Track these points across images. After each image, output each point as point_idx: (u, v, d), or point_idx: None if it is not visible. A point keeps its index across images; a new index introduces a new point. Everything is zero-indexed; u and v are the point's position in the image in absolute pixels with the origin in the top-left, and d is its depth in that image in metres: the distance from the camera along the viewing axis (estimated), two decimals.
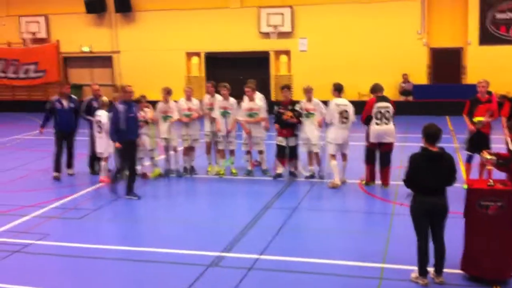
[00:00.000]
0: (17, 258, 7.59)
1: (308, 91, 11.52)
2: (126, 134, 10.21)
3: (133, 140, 10.48)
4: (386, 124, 10.53)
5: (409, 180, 6.40)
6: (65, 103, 12.04)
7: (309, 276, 6.81)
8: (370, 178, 10.94)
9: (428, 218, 6.36)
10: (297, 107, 11.34)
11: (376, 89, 10.90)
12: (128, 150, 10.29)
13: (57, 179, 11.98)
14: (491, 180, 6.46)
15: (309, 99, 11.50)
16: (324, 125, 11.45)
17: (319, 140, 11.48)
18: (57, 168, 12.07)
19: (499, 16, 22.68)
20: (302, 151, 11.75)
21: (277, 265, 7.19)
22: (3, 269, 7.23)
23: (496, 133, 10.65)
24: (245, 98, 12.08)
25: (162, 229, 8.93)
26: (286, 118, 11.21)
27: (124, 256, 7.66)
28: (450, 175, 6.38)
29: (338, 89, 11.12)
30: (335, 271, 6.93)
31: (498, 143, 10.27)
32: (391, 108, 10.57)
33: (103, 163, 11.64)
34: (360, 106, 11.51)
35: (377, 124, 10.52)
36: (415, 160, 6.37)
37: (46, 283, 6.78)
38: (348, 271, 6.92)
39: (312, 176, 11.62)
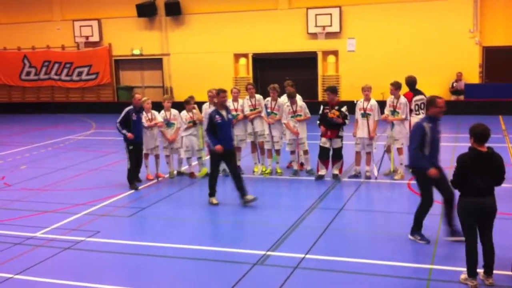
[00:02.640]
0: (68, 255, 7.83)
1: (365, 90, 11.43)
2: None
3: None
4: (424, 114, 10.48)
5: (458, 181, 6.29)
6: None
7: (354, 276, 6.76)
8: None
9: (476, 218, 6.23)
10: (343, 109, 11.23)
11: (413, 83, 11.49)
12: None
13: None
14: None
15: (367, 99, 11.41)
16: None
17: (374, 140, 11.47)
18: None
19: None
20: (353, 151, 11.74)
21: (322, 264, 7.18)
22: (55, 266, 7.47)
23: None
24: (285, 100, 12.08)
25: (208, 228, 9.05)
26: (331, 116, 11.10)
27: (172, 253, 7.80)
28: (499, 175, 6.25)
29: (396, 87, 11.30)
30: (381, 271, 6.85)
31: None
32: (425, 100, 10.59)
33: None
34: None
35: (416, 115, 11.11)
36: (463, 161, 6.27)
37: (96, 279, 6.96)
38: (395, 272, 6.84)
39: (356, 176, 11.54)
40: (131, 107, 11.27)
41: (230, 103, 12.11)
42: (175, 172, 12.32)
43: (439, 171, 7.50)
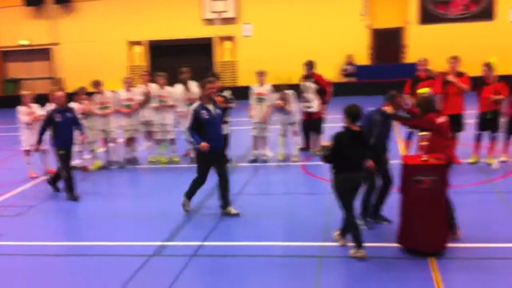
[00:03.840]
0: None
1: (260, 75, 11.50)
2: None
3: None
4: None
5: (331, 156, 6.56)
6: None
7: (251, 259, 6.82)
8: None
9: (352, 192, 6.62)
10: (225, 93, 11.27)
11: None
12: None
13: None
14: (425, 156, 6.62)
15: (262, 83, 11.48)
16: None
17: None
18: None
19: None
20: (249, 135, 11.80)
21: (220, 250, 7.19)
22: None
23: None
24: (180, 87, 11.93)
25: (104, 222, 8.76)
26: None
27: (65, 251, 7.54)
28: (367, 151, 6.76)
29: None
30: (275, 252, 6.98)
31: None
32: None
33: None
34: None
35: None
36: (339, 139, 6.55)
37: None
38: (288, 252, 6.99)
39: (255, 161, 11.66)
40: (52, 107, 10.03)
41: (123, 92, 11.83)
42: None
43: (380, 159, 7.45)
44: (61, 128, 9.69)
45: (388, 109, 7.24)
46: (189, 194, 8.69)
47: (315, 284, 6.04)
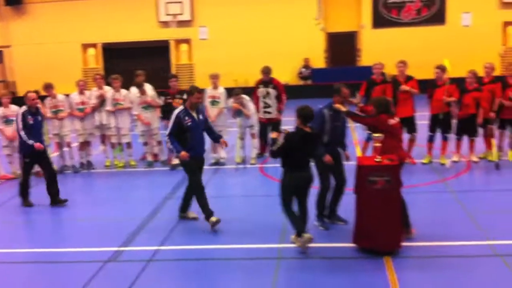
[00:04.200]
0: None
1: (213, 78, 11.48)
2: None
3: None
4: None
5: (280, 154, 6.77)
6: None
7: (209, 262, 6.81)
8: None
9: (296, 190, 6.91)
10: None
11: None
12: None
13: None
14: (378, 157, 6.72)
15: (215, 86, 11.46)
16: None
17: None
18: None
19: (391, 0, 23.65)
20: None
21: (177, 254, 7.13)
22: None
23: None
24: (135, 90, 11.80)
25: (58, 228, 8.60)
26: (176, 105, 11.09)
27: (18, 259, 7.34)
28: (315, 151, 7.04)
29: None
30: (235, 255, 6.98)
31: None
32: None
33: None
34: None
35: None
36: (291, 139, 6.72)
37: None
38: (247, 254, 6.99)
39: (216, 163, 11.63)
40: (24, 108, 9.39)
41: (76, 95, 11.61)
42: (18, 171, 11.50)
43: (336, 158, 7.56)
44: (33, 132, 9.22)
45: (339, 106, 7.34)
46: (207, 214, 7.91)
47: (272, 284, 6.06)
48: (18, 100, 11.94)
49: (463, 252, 6.70)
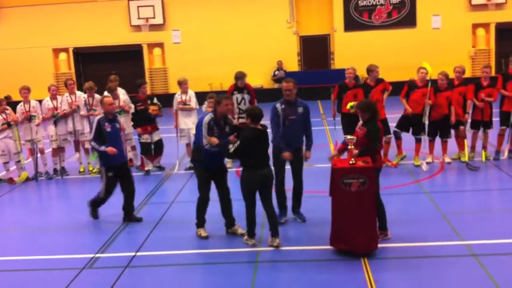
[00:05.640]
0: None
1: (183, 83, 11.47)
2: None
3: None
4: None
5: (241, 154, 7.04)
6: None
7: (187, 267, 6.79)
8: None
9: (257, 188, 7.11)
10: (155, 100, 11.27)
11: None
12: None
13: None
14: (352, 159, 6.78)
15: (185, 91, 11.44)
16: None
17: None
18: None
19: (362, 3, 23.89)
20: (181, 143, 11.69)
21: (154, 260, 7.07)
22: None
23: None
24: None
25: (33, 236, 8.45)
26: (154, 112, 11.11)
27: None
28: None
29: None
30: (217, 259, 6.99)
31: None
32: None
33: None
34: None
35: None
36: (247, 138, 6.98)
37: None
38: (225, 258, 6.97)
39: (191, 168, 11.57)
40: (101, 115, 8.53)
41: (48, 101, 11.45)
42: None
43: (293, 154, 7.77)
44: (111, 141, 8.32)
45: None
46: (199, 222, 7.81)
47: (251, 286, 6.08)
48: None
49: (439, 252, 6.79)
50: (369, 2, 23.89)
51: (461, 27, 23.19)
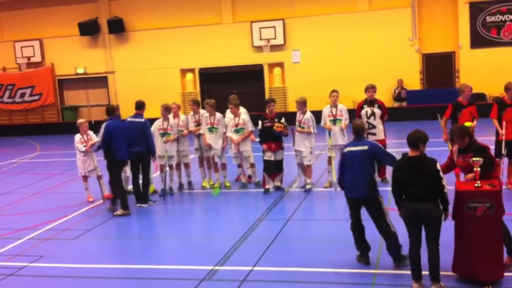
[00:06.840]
0: (11, 281, 7.57)
1: (300, 103, 11.48)
2: None
3: None
4: None
5: (394, 186, 6.52)
6: None
7: (302, 285, 6.80)
8: None
9: (416, 223, 6.36)
10: (283, 120, 11.35)
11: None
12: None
13: None
14: (478, 182, 6.48)
15: (303, 112, 11.49)
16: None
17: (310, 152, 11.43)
18: None
19: (490, 19, 22.81)
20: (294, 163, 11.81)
21: (270, 276, 7.18)
22: None
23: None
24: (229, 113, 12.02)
25: (156, 246, 8.93)
26: (279, 130, 11.19)
27: (118, 274, 7.68)
28: (434, 180, 6.28)
29: None
30: (329, 279, 6.92)
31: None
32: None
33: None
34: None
35: None
36: (396, 167, 6.57)
37: None
38: (341, 279, 6.92)
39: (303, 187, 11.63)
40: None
41: (171, 119, 11.96)
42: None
43: None
44: None
45: None
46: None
47: None
48: None
49: None
50: (498, 18, 22.73)
51: None
